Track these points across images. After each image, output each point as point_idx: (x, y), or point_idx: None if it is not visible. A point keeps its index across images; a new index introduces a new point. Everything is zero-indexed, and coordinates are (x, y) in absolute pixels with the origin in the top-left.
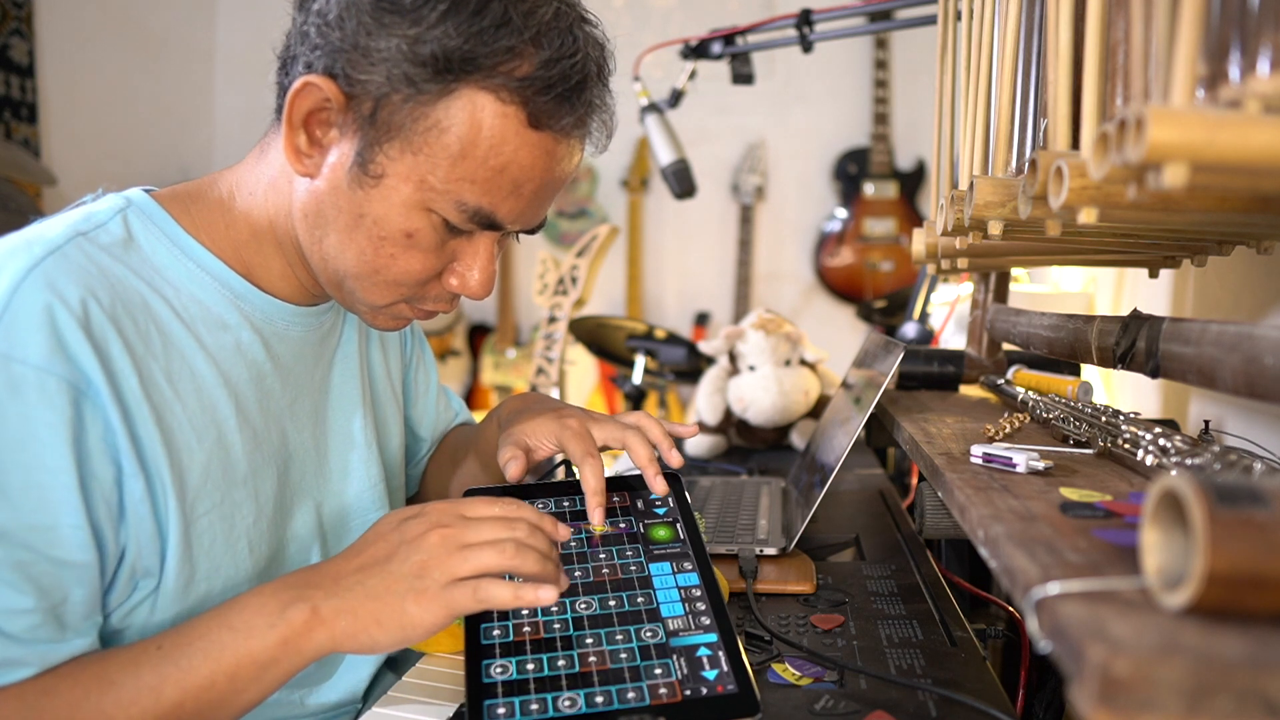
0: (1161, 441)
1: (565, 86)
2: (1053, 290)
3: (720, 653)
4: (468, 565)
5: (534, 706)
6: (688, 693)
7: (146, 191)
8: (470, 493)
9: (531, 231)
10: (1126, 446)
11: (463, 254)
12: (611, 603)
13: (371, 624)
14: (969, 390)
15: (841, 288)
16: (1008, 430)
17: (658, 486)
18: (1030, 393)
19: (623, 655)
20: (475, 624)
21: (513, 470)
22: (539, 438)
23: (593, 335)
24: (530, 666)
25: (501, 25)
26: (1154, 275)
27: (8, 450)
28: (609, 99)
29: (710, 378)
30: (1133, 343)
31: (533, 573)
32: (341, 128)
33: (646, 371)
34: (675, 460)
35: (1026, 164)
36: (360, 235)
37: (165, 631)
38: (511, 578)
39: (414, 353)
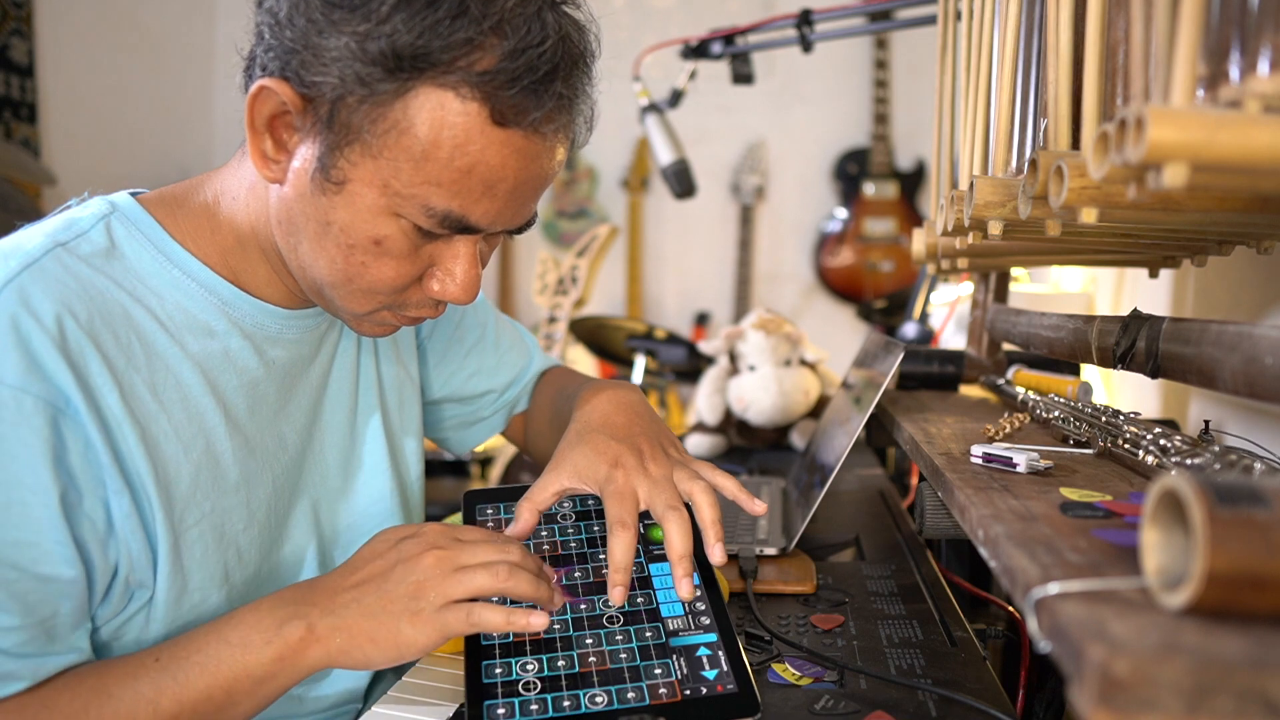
0: (1161, 441)
1: (532, 79)
2: (1053, 290)
3: (720, 652)
4: (461, 587)
5: (534, 707)
6: (687, 692)
7: (134, 195)
8: (470, 495)
9: (518, 230)
10: (1126, 446)
11: (441, 258)
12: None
13: (366, 642)
14: (969, 390)
15: (841, 288)
16: (1008, 430)
17: (682, 590)
18: (1030, 393)
19: (622, 655)
20: None
21: (519, 529)
22: (581, 479)
23: (593, 335)
24: (530, 666)
25: (458, 16)
26: (1154, 275)
27: None
28: (588, 86)
29: (710, 378)
30: (1133, 343)
31: (525, 595)
32: (303, 132)
33: (646, 371)
34: (717, 557)
35: (1026, 164)
36: (329, 243)
37: (163, 644)
38: (507, 601)
39: (429, 324)
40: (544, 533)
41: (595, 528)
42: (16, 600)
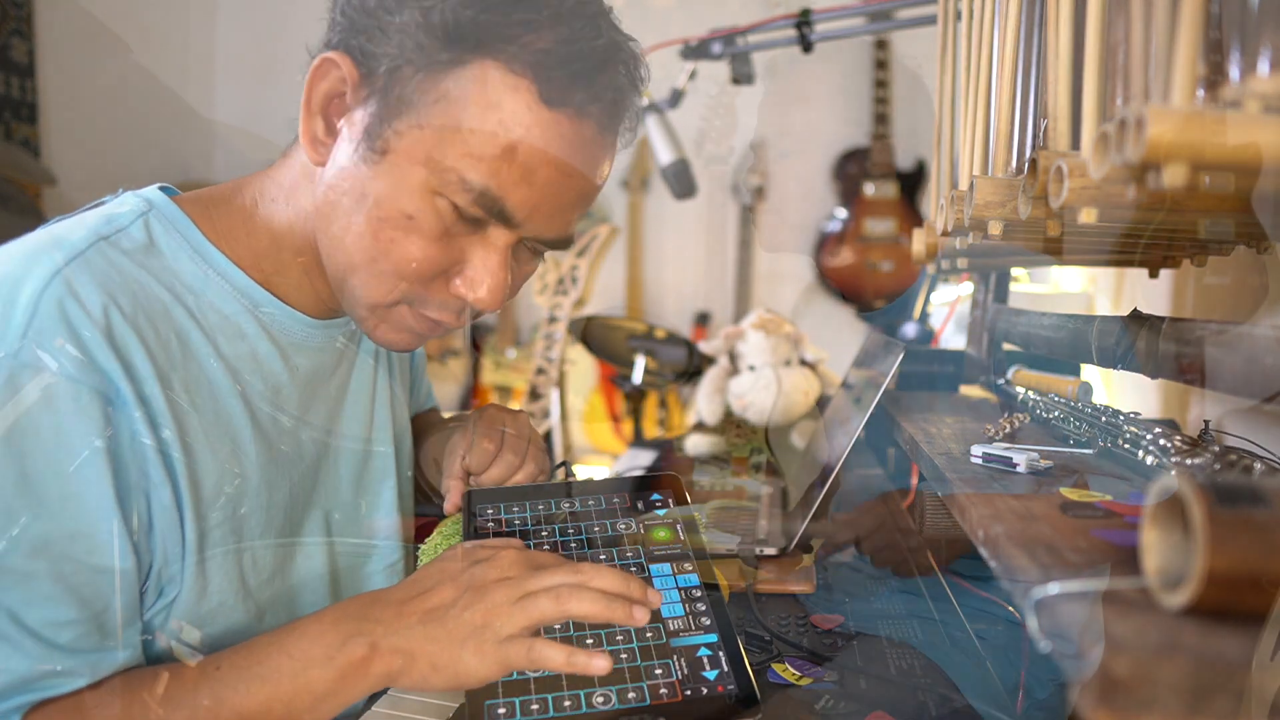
0: (1161, 441)
1: (583, 66)
2: (1053, 290)
3: (720, 653)
4: (524, 616)
5: (534, 706)
6: (688, 693)
7: (165, 192)
8: (469, 495)
9: (555, 245)
10: (1126, 446)
11: (472, 254)
12: None
13: (426, 666)
14: (969, 390)
15: (841, 288)
16: (1008, 430)
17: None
18: (1030, 393)
19: (623, 655)
20: None
21: (450, 503)
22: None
23: (592, 335)
24: None
25: (521, 0)
26: (1154, 275)
27: (44, 461)
28: (636, 99)
29: (710, 378)
30: (1133, 343)
31: (591, 615)
32: (354, 109)
33: (646, 371)
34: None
35: (1026, 164)
36: (360, 218)
37: (224, 653)
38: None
39: (417, 358)
40: (544, 533)
41: (595, 528)
42: (73, 594)
